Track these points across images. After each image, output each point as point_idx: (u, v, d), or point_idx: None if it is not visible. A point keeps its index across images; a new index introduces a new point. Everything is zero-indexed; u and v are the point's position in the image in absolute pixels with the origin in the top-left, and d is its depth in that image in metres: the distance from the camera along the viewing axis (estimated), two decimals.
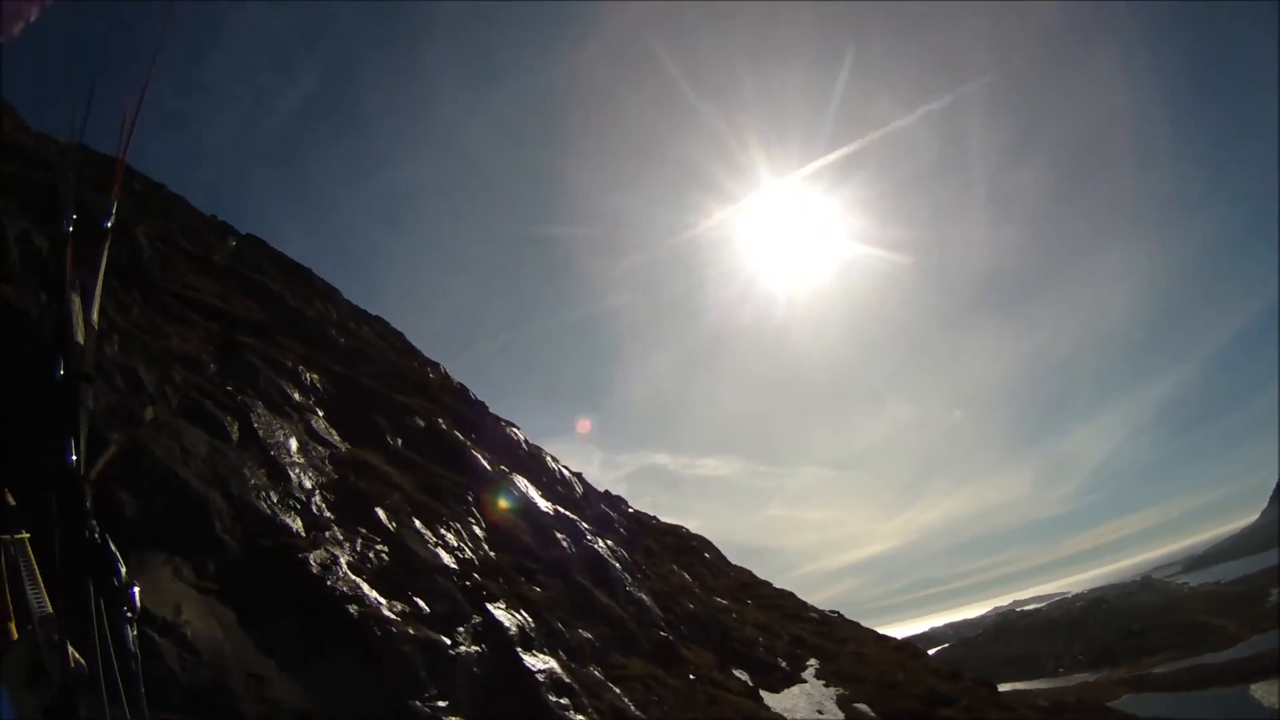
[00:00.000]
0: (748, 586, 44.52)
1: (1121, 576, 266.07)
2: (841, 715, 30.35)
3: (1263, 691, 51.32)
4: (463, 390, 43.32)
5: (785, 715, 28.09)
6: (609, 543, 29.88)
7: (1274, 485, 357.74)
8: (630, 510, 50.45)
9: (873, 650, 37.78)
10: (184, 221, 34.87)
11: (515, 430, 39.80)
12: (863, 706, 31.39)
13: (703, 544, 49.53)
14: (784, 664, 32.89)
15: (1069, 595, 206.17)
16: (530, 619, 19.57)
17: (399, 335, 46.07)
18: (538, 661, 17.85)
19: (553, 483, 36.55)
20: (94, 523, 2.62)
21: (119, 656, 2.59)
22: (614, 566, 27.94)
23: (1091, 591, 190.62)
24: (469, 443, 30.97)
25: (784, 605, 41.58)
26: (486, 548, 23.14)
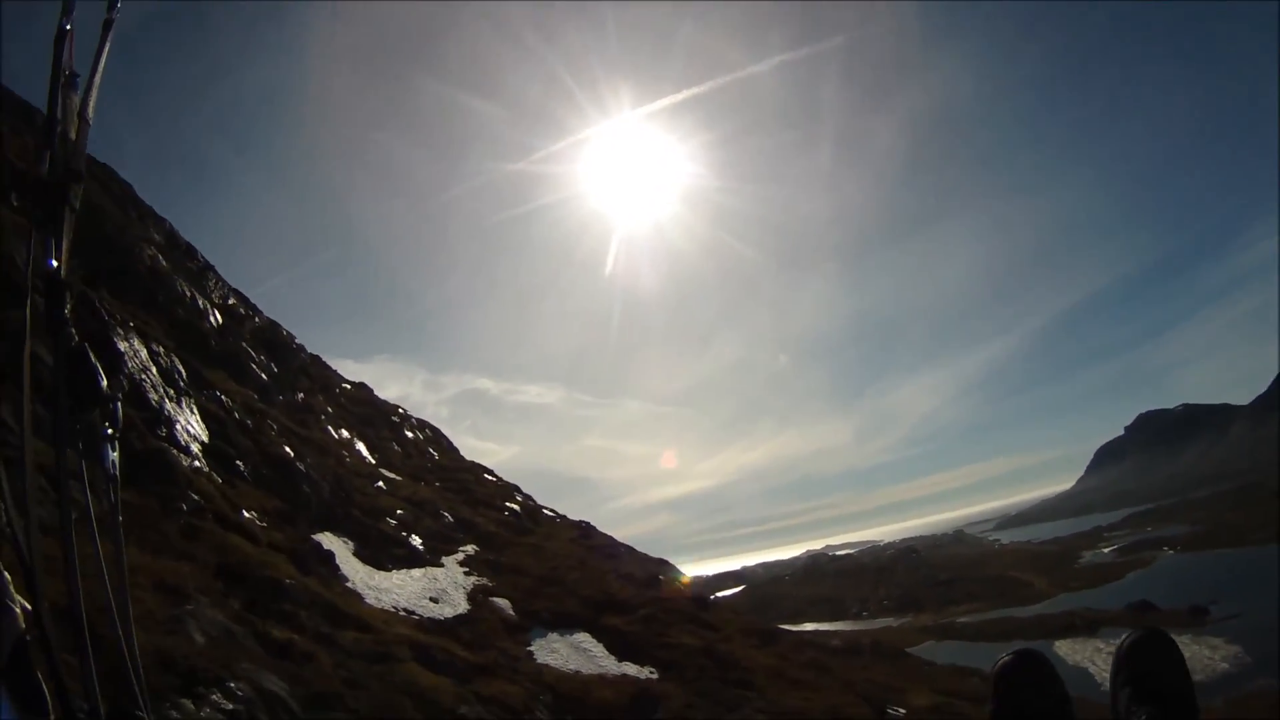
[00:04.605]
0: (449, 470, 37.43)
1: (934, 529, 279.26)
2: (463, 607, 23.71)
3: (1067, 649, 50.37)
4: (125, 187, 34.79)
5: (360, 591, 21.09)
6: (147, 344, 21.19)
7: (1091, 455, 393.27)
8: (345, 384, 42.44)
9: (559, 547, 31.51)
10: None
11: (148, 248, 31.20)
12: (501, 601, 24.85)
13: (407, 422, 42.01)
14: (419, 543, 26.03)
15: (880, 543, 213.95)
16: None
17: (124, 184, 36.89)
18: None
19: (168, 300, 27.71)
20: (73, 330, 2.12)
21: (94, 478, 2.26)
22: (124, 354, 19.32)
23: (903, 541, 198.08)
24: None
25: (477, 491, 34.78)
26: None
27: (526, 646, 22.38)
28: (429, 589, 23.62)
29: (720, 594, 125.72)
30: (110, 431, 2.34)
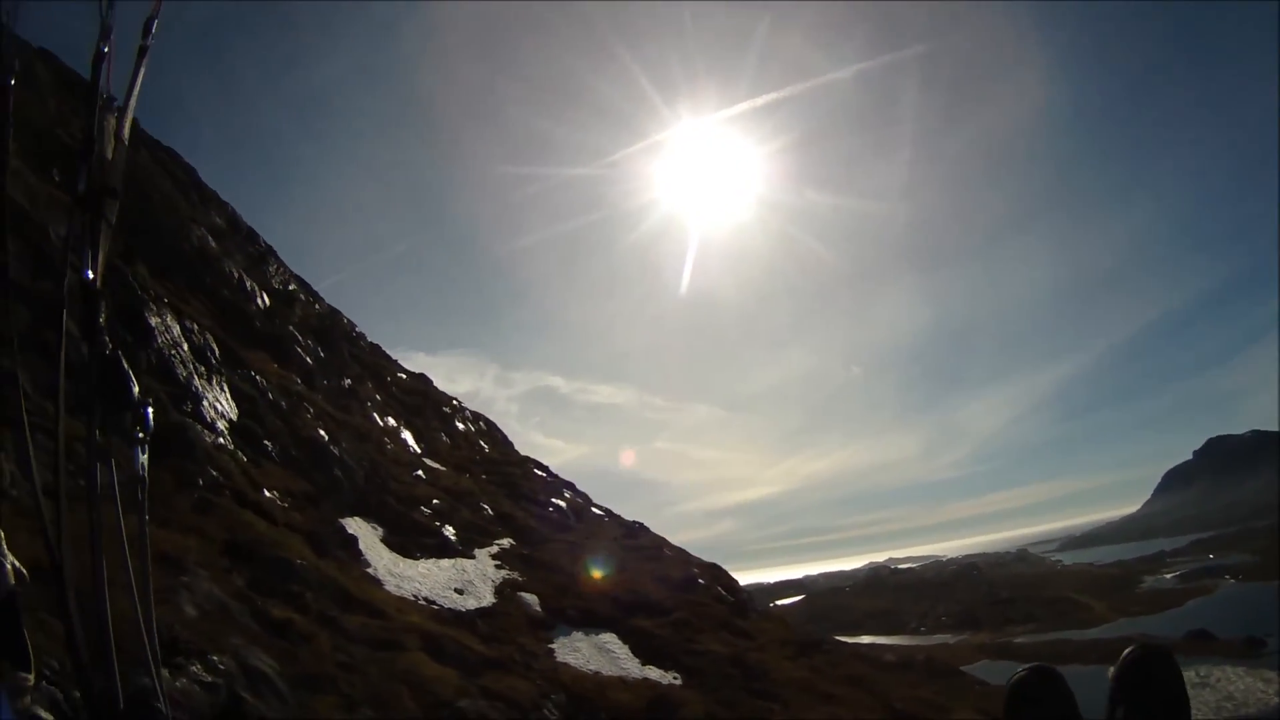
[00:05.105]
0: (497, 464, 37.31)
1: (998, 547, 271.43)
2: (488, 600, 23.42)
3: None
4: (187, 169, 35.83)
5: (381, 578, 20.94)
6: (180, 321, 21.40)
7: (1159, 478, 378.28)
8: (401, 374, 42.88)
9: (600, 546, 30.83)
10: None
11: (197, 229, 31.98)
12: (529, 596, 24.51)
13: (460, 414, 42.13)
14: (451, 534, 25.89)
15: (943, 558, 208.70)
16: None
17: (187, 168, 37.84)
18: None
19: (215, 281, 28.31)
20: (106, 338, 2.39)
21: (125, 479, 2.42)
22: (155, 330, 19.52)
23: (966, 557, 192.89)
24: None
25: (522, 486, 34.58)
26: None
27: (548, 644, 21.92)
28: (455, 580, 23.38)
29: (779, 602, 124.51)
30: (140, 435, 2.49)
